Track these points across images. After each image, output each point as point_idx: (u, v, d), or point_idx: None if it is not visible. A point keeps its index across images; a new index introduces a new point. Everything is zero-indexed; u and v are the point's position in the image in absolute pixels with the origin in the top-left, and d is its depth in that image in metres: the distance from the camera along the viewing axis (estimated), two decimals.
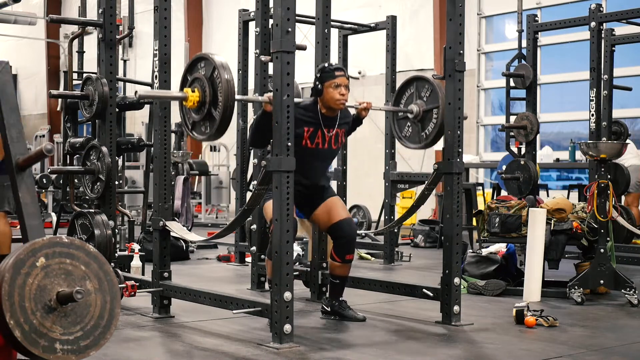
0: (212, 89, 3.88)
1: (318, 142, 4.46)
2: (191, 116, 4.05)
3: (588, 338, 4.19)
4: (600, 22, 6.53)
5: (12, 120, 2.42)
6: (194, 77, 3.99)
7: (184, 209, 8.64)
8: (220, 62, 3.86)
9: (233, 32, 7.60)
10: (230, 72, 3.87)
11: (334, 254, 4.60)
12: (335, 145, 4.55)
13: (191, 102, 3.93)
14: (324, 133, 4.46)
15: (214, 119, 3.88)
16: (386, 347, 3.90)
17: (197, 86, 3.94)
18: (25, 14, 15.74)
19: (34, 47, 21.49)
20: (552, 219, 5.55)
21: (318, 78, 4.45)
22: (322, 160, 4.58)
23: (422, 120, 4.83)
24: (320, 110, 4.46)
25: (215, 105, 3.86)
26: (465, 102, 4.59)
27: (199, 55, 4.03)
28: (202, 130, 4.01)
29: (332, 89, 4.41)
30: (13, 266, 2.05)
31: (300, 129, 4.36)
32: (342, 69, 4.49)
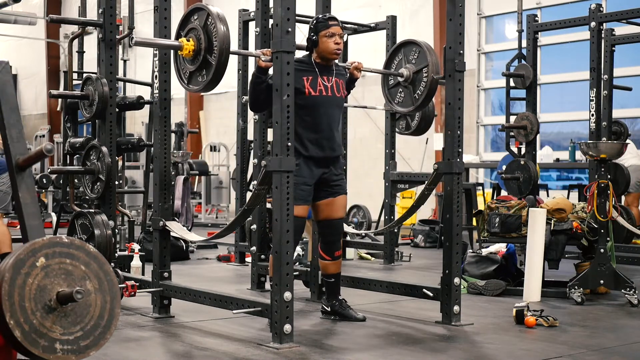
0: (206, 36, 3.90)
1: (321, 89, 4.44)
2: (187, 68, 4.07)
3: (588, 338, 4.19)
4: (600, 22, 6.53)
5: (12, 120, 2.42)
6: (188, 28, 4.02)
7: (184, 209, 8.63)
8: (215, 11, 3.90)
9: (233, 32, 7.60)
10: (225, 19, 3.89)
11: (322, 252, 4.63)
12: (338, 94, 4.52)
13: (186, 51, 3.96)
14: (323, 81, 4.46)
15: (210, 65, 3.90)
16: (386, 347, 3.90)
17: (192, 36, 3.98)
18: (25, 14, 15.75)
19: (34, 47, 21.50)
20: (552, 219, 5.55)
21: (312, 29, 4.47)
22: (328, 109, 4.47)
23: (413, 82, 4.80)
24: (315, 61, 4.48)
25: (211, 51, 3.89)
26: (465, 102, 4.59)
27: (193, 7, 4.07)
28: (199, 80, 4.03)
29: (327, 38, 4.42)
30: (13, 266, 2.05)
31: (300, 80, 4.34)
32: (335, 19, 4.50)
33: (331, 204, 4.56)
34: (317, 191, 4.53)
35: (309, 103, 4.38)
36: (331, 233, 4.59)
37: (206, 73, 3.96)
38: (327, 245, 4.61)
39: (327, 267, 4.64)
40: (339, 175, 4.60)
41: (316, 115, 4.42)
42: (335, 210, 4.57)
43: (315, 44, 4.45)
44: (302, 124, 4.35)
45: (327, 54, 4.44)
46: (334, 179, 4.55)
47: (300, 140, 4.35)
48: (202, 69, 3.98)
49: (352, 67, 4.63)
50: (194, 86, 4.09)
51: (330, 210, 4.57)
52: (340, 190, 4.59)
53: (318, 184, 4.50)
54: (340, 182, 4.60)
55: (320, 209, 4.58)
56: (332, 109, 4.51)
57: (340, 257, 4.66)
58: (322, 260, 4.65)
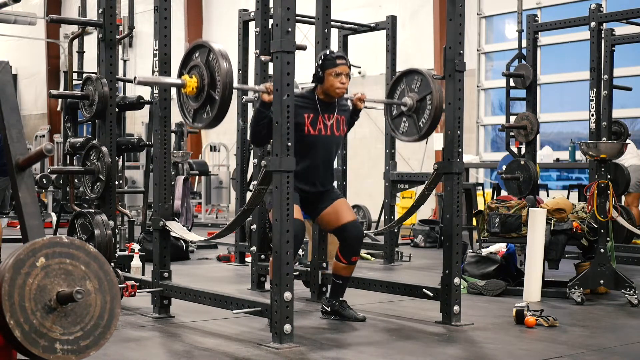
0: (209, 72, 3.88)
1: (320, 129, 4.44)
2: (190, 105, 4.04)
3: (588, 338, 4.19)
4: (600, 22, 6.53)
5: (12, 120, 2.42)
6: (190, 66, 3.99)
7: (184, 209, 8.63)
8: (217, 47, 3.87)
9: (233, 32, 7.60)
10: (226, 54, 3.86)
11: (340, 255, 4.58)
12: (337, 132, 4.52)
13: (190, 88, 3.93)
14: (324, 119, 4.46)
15: (215, 100, 3.87)
16: (386, 347, 3.90)
17: (195, 73, 3.95)
18: (25, 14, 15.75)
19: (34, 47, 21.50)
20: (552, 219, 5.55)
21: (319, 65, 4.44)
22: (326, 148, 4.50)
23: (417, 111, 4.80)
24: (318, 97, 4.46)
25: (214, 86, 3.86)
26: (465, 102, 4.60)
27: (193, 45, 4.04)
28: (204, 117, 3.99)
29: (333, 77, 4.41)
30: (13, 266, 2.05)
31: (300, 117, 4.35)
32: (343, 57, 4.49)
33: (335, 210, 4.55)
34: (314, 207, 4.54)
35: (308, 141, 4.38)
36: (348, 237, 4.53)
37: (210, 109, 3.92)
38: (346, 249, 4.56)
39: (340, 269, 4.62)
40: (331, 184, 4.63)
41: (313, 153, 4.42)
42: (342, 214, 4.55)
43: (320, 81, 4.44)
44: (297, 156, 4.17)
45: (331, 92, 4.43)
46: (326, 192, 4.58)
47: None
48: (206, 105, 3.94)
49: (355, 98, 4.64)
50: (198, 123, 4.04)
51: (337, 216, 4.55)
52: (334, 196, 4.60)
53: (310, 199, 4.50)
54: (332, 189, 4.63)
55: (327, 219, 4.57)
56: (330, 148, 4.53)
57: (356, 262, 4.63)
58: (336, 262, 4.62)
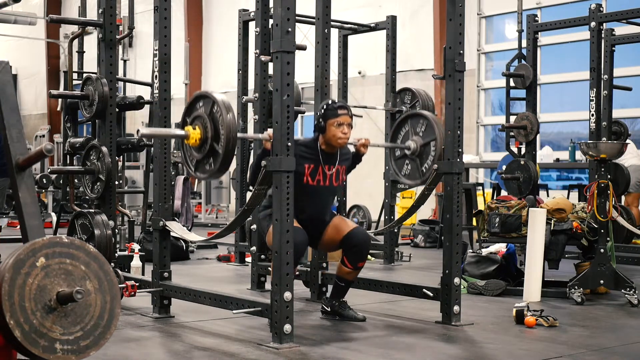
0: (213, 124, 3.85)
1: (319, 179, 4.46)
2: (193, 156, 4.01)
3: (588, 338, 4.19)
4: (600, 22, 6.53)
5: (12, 120, 2.42)
6: (193, 116, 3.96)
7: (184, 209, 8.64)
8: (219, 97, 3.83)
9: (233, 32, 7.61)
10: (230, 105, 3.84)
11: (347, 261, 4.56)
12: (336, 183, 4.55)
13: (193, 140, 3.90)
14: (324, 170, 4.47)
15: (218, 154, 3.84)
16: (386, 346, 3.90)
17: (198, 124, 3.92)
18: (25, 14, 15.76)
19: (34, 47, 21.50)
20: (552, 219, 5.55)
21: (321, 115, 4.46)
22: (324, 197, 4.53)
23: (420, 155, 4.79)
24: (320, 147, 4.48)
25: (218, 139, 3.82)
26: (465, 102, 4.60)
27: (197, 95, 4.00)
28: (206, 168, 3.97)
29: (335, 127, 4.42)
30: (13, 266, 2.05)
31: (301, 166, 4.36)
32: (345, 107, 4.49)
33: (334, 226, 4.55)
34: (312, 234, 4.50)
35: (306, 190, 4.39)
36: (355, 244, 4.51)
37: (213, 162, 3.90)
38: (352, 256, 4.55)
39: (345, 273, 4.60)
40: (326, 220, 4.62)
41: (309, 202, 4.42)
42: (341, 227, 4.54)
43: (322, 130, 4.45)
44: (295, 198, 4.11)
45: (333, 142, 4.44)
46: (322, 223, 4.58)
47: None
48: (209, 157, 3.92)
49: (359, 144, 4.66)
50: (201, 174, 4.01)
51: (338, 229, 4.54)
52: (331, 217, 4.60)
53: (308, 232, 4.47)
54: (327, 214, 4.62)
55: (330, 236, 4.56)
56: (326, 198, 4.55)
57: (362, 267, 4.62)
58: (342, 266, 4.59)
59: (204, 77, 17.04)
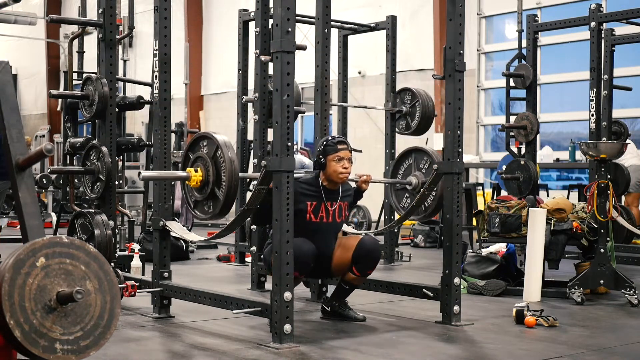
0: (215, 168, 3.84)
1: (322, 216, 4.46)
2: (194, 194, 4.01)
3: (588, 338, 4.19)
4: (600, 22, 6.53)
5: (12, 120, 2.42)
6: (196, 155, 3.95)
7: (184, 209, 8.64)
8: (223, 141, 3.83)
9: (233, 32, 7.60)
10: (234, 150, 3.84)
11: (355, 270, 4.51)
12: (339, 219, 4.54)
13: (194, 182, 3.90)
14: (326, 207, 4.47)
15: (218, 199, 3.84)
16: (386, 347, 3.90)
17: (200, 165, 3.91)
18: (25, 14, 15.75)
19: (34, 47, 21.50)
20: (552, 219, 5.55)
21: (321, 151, 4.46)
22: (327, 234, 4.51)
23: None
24: (322, 183, 4.48)
25: (219, 185, 3.82)
26: (465, 102, 4.60)
27: (201, 134, 4.01)
28: (205, 209, 3.96)
29: (335, 162, 4.43)
30: (13, 266, 2.05)
31: (303, 204, 4.37)
32: (345, 142, 4.50)
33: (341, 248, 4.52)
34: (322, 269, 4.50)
35: (308, 227, 4.39)
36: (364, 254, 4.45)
37: (213, 205, 3.90)
38: (361, 266, 4.50)
39: (351, 279, 4.57)
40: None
41: (313, 239, 4.38)
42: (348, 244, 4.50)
43: (323, 167, 4.46)
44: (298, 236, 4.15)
45: (334, 178, 4.45)
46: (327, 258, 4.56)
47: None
48: (209, 200, 3.93)
49: (360, 181, 4.68)
50: (200, 214, 4.02)
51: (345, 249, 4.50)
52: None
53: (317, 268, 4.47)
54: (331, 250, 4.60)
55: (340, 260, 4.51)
56: (329, 235, 4.53)
57: (369, 275, 4.60)
58: (350, 273, 4.54)
59: (204, 77, 17.03)
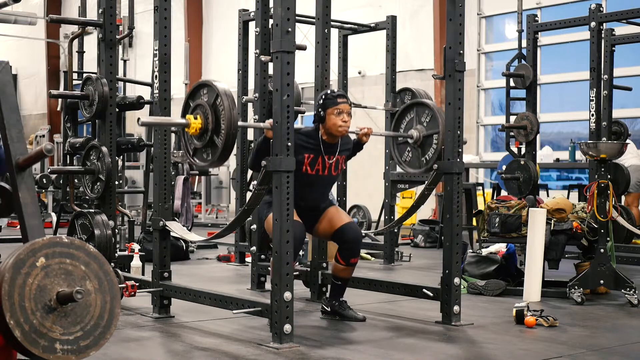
0: (214, 116, 3.85)
1: (318, 169, 4.47)
2: (193, 142, 4.02)
3: (588, 338, 4.19)
4: (600, 22, 6.53)
5: (12, 120, 2.42)
6: (196, 103, 3.96)
7: (184, 209, 8.62)
8: (223, 89, 3.84)
9: (233, 32, 7.60)
10: (233, 99, 3.85)
11: (339, 257, 4.59)
12: (335, 172, 4.56)
13: (193, 129, 3.91)
14: (324, 160, 4.47)
15: (216, 147, 3.85)
16: (386, 347, 3.90)
17: (200, 113, 3.92)
18: (25, 14, 15.74)
19: (34, 47, 21.49)
20: (552, 219, 5.55)
21: (320, 105, 4.46)
22: (321, 186, 4.57)
23: (422, 146, 4.80)
24: (322, 137, 4.48)
25: (218, 132, 3.83)
26: (465, 102, 4.60)
27: (202, 82, 4.01)
28: (204, 157, 3.98)
29: (335, 116, 4.42)
30: (13, 266, 2.05)
31: (301, 156, 4.37)
32: (344, 96, 4.50)
33: (329, 216, 4.57)
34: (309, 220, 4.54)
35: (304, 179, 4.39)
36: (346, 240, 4.54)
37: (212, 153, 3.91)
38: (344, 252, 4.58)
39: (339, 270, 4.63)
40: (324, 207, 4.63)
41: (307, 190, 4.43)
42: (337, 218, 4.57)
43: (322, 120, 4.45)
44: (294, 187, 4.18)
45: (333, 131, 4.44)
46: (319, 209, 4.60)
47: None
48: (208, 148, 3.93)
49: (360, 133, 4.66)
50: (199, 161, 4.03)
51: (332, 221, 4.57)
52: (327, 205, 4.62)
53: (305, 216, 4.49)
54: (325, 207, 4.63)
55: (324, 227, 4.59)
56: (324, 187, 4.59)
57: (355, 264, 4.63)
58: (335, 264, 4.63)
59: (204, 77, 17.04)
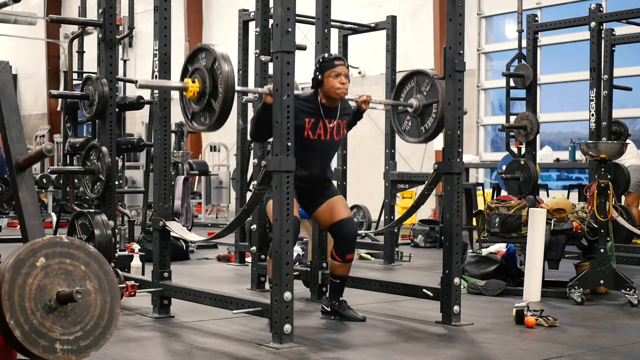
0: (212, 80, 3.88)
1: (320, 134, 4.45)
2: (191, 106, 4.06)
3: (588, 338, 4.19)
4: (600, 22, 6.53)
5: (12, 120, 2.42)
6: (194, 67, 4.00)
7: (184, 209, 8.63)
8: (221, 53, 3.87)
9: (233, 32, 7.60)
10: (231, 63, 3.87)
11: (335, 253, 4.60)
12: (337, 137, 4.53)
13: (191, 93, 3.94)
14: (325, 124, 4.46)
15: (214, 110, 3.89)
16: (386, 347, 3.90)
17: (198, 77, 3.96)
18: (25, 14, 15.73)
19: (34, 47, 21.50)
20: (552, 219, 5.55)
21: (318, 68, 4.45)
22: (324, 152, 4.54)
23: (422, 115, 4.82)
24: (321, 101, 4.46)
25: (215, 96, 3.87)
26: (465, 102, 4.59)
27: (200, 46, 4.04)
28: (202, 120, 4.02)
29: (332, 78, 4.41)
30: (13, 266, 2.05)
31: (302, 120, 4.35)
32: (341, 59, 4.49)
33: (331, 207, 4.56)
34: (310, 202, 4.54)
35: (306, 145, 4.39)
36: (343, 235, 4.55)
37: (209, 116, 3.94)
38: (340, 247, 4.58)
39: (335, 268, 4.63)
40: (327, 179, 4.62)
41: (310, 156, 4.43)
42: (337, 210, 4.56)
43: (320, 84, 4.44)
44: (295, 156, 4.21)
45: (332, 94, 4.43)
46: (322, 186, 4.58)
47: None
48: (205, 112, 3.96)
49: (360, 100, 4.64)
50: (197, 125, 4.06)
51: (332, 213, 4.56)
52: (330, 193, 4.60)
53: (307, 195, 4.50)
54: (329, 186, 4.62)
55: (323, 216, 4.58)
56: (328, 152, 4.57)
57: (351, 260, 4.63)
58: (332, 260, 4.63)
59: None
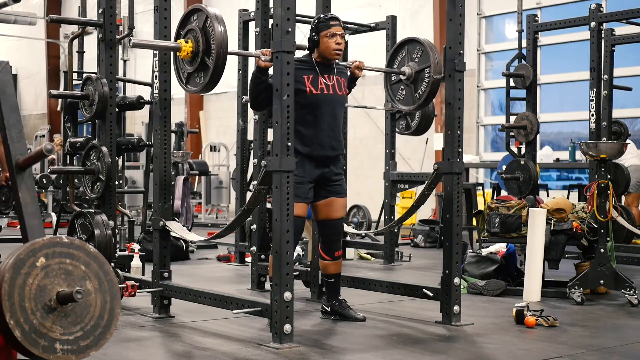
0: (205, 38, 3.91)
1: (322, 88, 4.42)
2: (185, 68, 4.09)
3: (588, 338, 4.19)
4: (600, 22, 6.53)
5: (12, 120, 2.42)
6: (187, 29, 4.02)
7: (184, 209, 8.63)
8: (214, 12, 3.90)
9: (233, 32, 7.60)
10: (223, 21, 3.90)
11: (323, 252, 4.63)
12: (340, 92, 4.50)
13: (185, 53, 3.97)
14: (324, 79, 4.44)
15: (208, 68, 3.92)
16: (386, 347, 3.90)
17: (191, 37, 3.99)
18: (25, 14, 15.73)
19: (34, 47, 21.50)
20: (552, 219, 5.55)
21: (313, 29, 4.44)
22: (330, 107, 4.46)
23: (415, 82, 4.78)
24: (316, 60, 4.46)
25: (209, 54, 3.90)
26: (465, 102, 4.59)
27: (192, 8, 4.07)
28: (197, 81, 4.04)
29: (328, 39, 4.40)
30: (13, 266, 2.05)
31: (300, 78, 4.33)
32: (337, 19, 4.47)
33: (330, 204, 4.56)
34: (316, 190, 4.53)
35: (311, 101, 4.37)
36: (331, 233, 4.59)
37: (204, 75, 3.97)
38: (327, 245, 4.61)
39: (327, 267, 4.64)
40: (339, 175, 4.58)
41: (318, 114, 4.40)
42: (334, 210, 4.57)
43: (316, 44, 4.44)
44: (303, 122, 4.33)
45: (328, 54, 4.42)
46: (334, 178, 4.54)
47: (301, 137, 4.34)
48: (200, 71, 3.99)
49: (353, 66, 4.61)
50: (192, 87, 4.10)
51: (329, 210, 4.56)
52: (340, 190, 4.58)
53: (317, 182, 4.49)
54: (340, 182, 4.59)
55: (320, 209, 4.58)
56: (335, 107, 4.49)
57: (340, 257, 4.66)
58: (322, 260, 4.66)
59: None
